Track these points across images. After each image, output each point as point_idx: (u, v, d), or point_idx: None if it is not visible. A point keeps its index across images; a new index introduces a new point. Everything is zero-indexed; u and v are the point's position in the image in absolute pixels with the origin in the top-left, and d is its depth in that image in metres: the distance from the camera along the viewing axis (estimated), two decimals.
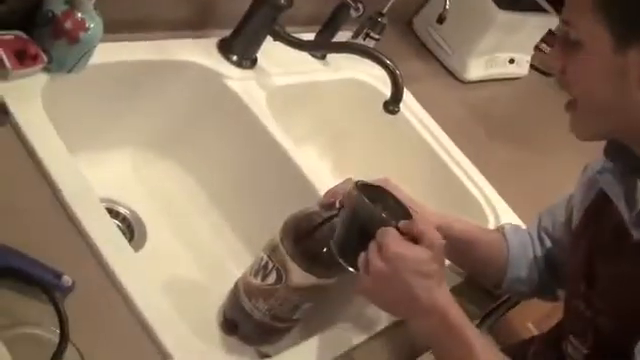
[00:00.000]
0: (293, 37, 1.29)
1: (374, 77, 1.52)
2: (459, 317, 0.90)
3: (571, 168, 1.18)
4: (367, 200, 0.91)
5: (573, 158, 1.22)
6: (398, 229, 0.89)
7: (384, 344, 1.04)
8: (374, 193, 0.94)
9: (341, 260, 0.94)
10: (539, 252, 1.19)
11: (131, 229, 1.18)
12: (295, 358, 0.94)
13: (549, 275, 1.20)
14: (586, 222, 1.04)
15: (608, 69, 0.85)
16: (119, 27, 1.10)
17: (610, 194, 0.96)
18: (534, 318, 2.06)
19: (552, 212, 1.20)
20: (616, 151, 0.96)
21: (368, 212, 0.91)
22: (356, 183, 0.93)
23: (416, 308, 0.89)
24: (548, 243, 1.19)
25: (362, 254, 0.89)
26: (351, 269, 0.93)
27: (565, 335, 1.05)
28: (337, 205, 0.97)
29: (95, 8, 0.99)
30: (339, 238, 0.94)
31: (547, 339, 1.18)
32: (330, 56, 1.49)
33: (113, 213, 1.17)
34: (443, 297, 0.90)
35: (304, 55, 1.42)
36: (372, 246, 0.89)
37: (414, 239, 0.89)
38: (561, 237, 1.17)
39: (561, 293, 1.22)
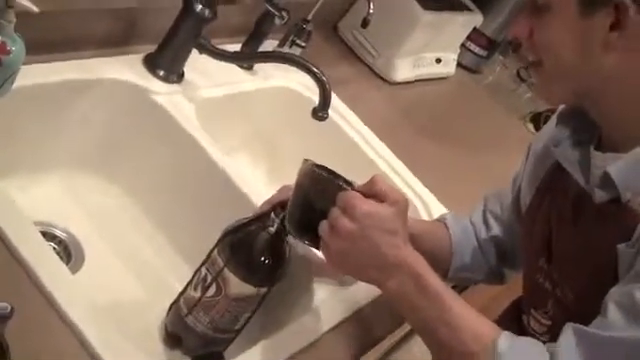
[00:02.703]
0: (218, 49, 1.29)
1: (302, 84, 1.53)
2: (432, 276, 0.90)
3: (497, 163, 1.22)
4: (321, 171, 0.92)
5: (498, 154, 1.25)
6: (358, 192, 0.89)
7: (326, 349, 1.05)
8: (320, 168, 0.95)
9: (299, 238, 0.94)
10: (485, 236, 1.20)
11: (68, 251, 1.17)
12: None
13: (498, 258, 1.21)
14: (541, 196, 1.06)
15: (574, 32, 0.88)
16: (42, 48, 1.09)
17: (565, 165, 0.98)
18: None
19: (499, 194, 1.21)
20: (570, 119, 0.99)
21: (324, 181, 0.92)
22: (305, 160, 0.94)
23: (384, 266, 0.89)
24: (495, 226, 1.21)
25: (323, 222, 0.89)
26: (310, 245, 0.93)
27: (526, 309, 1.06)
28: (272, 215, 0.98)
29: (16, 30, 0.97)
30: (294, 216, 0.94)
31: (506, 315, 1.19)
32: (258, 65, 1.50)
33: (48, 236, 1.16)
34: (410, 254, 0.90)
35: (231, 66, 1.42)
36: (335, 211, 0.89)
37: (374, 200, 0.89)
38: (509, 217, 1.18)
39: (510, 276, 1.24)
